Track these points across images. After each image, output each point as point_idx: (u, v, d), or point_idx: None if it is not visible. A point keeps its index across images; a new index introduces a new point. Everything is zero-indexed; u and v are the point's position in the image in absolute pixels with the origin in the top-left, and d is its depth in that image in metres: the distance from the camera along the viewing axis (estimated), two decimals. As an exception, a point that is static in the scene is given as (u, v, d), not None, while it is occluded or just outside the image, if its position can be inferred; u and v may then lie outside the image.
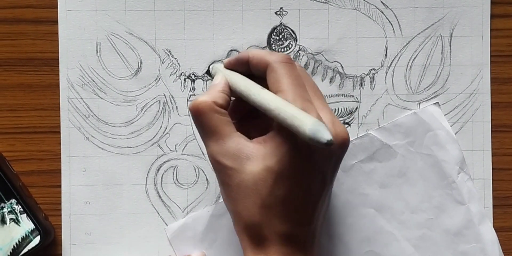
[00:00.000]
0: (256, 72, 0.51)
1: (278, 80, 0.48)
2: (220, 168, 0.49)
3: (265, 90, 0.48)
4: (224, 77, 0.51)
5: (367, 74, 0.59)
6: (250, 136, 0.49)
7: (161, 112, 0.59)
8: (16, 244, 0.56)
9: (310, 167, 0.48)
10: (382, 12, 0.59)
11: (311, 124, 0.43)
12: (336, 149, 0.48)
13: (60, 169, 0.58)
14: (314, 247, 0.50)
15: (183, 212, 0.59)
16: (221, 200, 0.59)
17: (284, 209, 0.48)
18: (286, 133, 0.47)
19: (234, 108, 0.52)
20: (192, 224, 0.58)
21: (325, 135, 0.43)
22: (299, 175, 0.48)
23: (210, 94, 0.50)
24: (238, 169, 0.48)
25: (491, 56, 0.59)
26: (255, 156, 0.48)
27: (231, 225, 0.58)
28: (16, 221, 0.56)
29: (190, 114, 0.51)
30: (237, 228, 0.50)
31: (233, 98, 0.52)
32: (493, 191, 0.59)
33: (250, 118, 0.53)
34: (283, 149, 0.47)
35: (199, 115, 0.49)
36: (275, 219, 0.48)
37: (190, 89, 0.59)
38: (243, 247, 0.50)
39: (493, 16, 0.59)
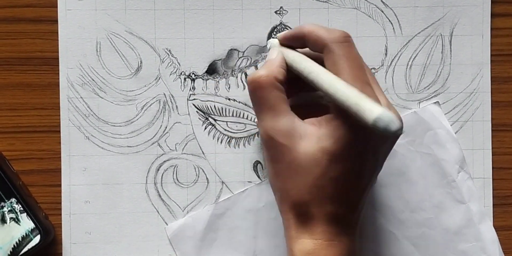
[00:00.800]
0: (313, 49, 0.50)
1: (336, 62, 0.48)
2: (272, 144, 0.49)
3: (325, 71, 0.48)
4: (281, 52, 0.51)
5: (367, 73, 0.59)
6: (299, 117, 0.50)
7: (161, 112, 0.59)
8: (16, 243, 0.56)
9: (365, 151, 0.48)
10: (382, 11, 0.59)
11: (380, 114, 0.42)
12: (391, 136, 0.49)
13: (60, 168, 0.58)
14: (356, 230, 0.51)
15: (183, 211, 0.59)
16: (221, 199, 0.59)
17: (336, 191, 0.48)
18: (344, 116, 0.47)
19: (289, 85, 0.52)
20: (192, 223, 0.58)
21: (395, 125, 0.42)
22: (354, 158, 0.48)
23: (269, 69, 0.50)
24: (291, 147, 0.48)
25: (491, 55, 0.59)
26: (310, 136, 0.48)
27: (231, 224, 0.58)
28: (16, 220, 0.56)
29: (247, 88, 0.50)
30: (282, 206, 0.50)
31: None
32: (493, 190, 0.59)
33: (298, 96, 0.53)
34: (340, 131, 0.47)
35: (258, 89, 0.49)
36: (325, 199, 0.48)
37: (190, 88, 0.59)
38: (286, 226, 0.50)
39: (493, 15, 0.59)
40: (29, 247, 0.56)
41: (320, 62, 0.49)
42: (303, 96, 0.55)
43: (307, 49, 0.52)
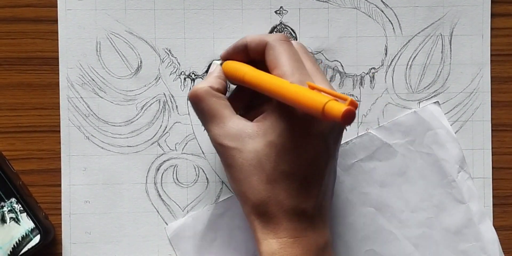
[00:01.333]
0: (255, 55, 0.52)
1: (276, 57, 0.50)
2: (223, 150, 0.49)
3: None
4: (219, 65, 0.53)
5: (367, 73, 0.59)
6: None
7: (161, 111, 0.59)
8: (16, 243, 0.56)
9: (312, 139, 0.48)
10: (382, 11, 0.59)
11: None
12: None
13: (60, 168, 0.58)
14: (324, 223, 0.51)
15: (183, 211, 0.59)
16: (221, 199, 0.59)
17: (290, 183, 0.48)
18: (284, 107, 0.47)
19: (236, 97, 0.53)
20: (192, 223, 0.58)
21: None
22: (302, 148, 0.48)
23: (206, 80, 0.52)
24: (241, 149, 0.48)
25: (491, 55, 0.59)
26: (256, 133, 0.48)
27: (230, 224, 0.58)
28: (16, 220, 0.56)
29: (189, 103, 0.52)
30: (245, 210, 0.50)
31: (233, 87, 0.53)
32: (493, 190, 0.59)
33: (253, 107, 0.54)
34: (283, 123, 0.48)
35: (198, 101, 0.50)
36: (281, 194, 0.48)
37: (190, 88, 0.59)
38: (252, 229, 0.50)
39: (493, 15, 0.59)
40: (29, 247, 0.56)
41: (263, 69, 0.51)
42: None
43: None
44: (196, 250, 0.58)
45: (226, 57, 0.54)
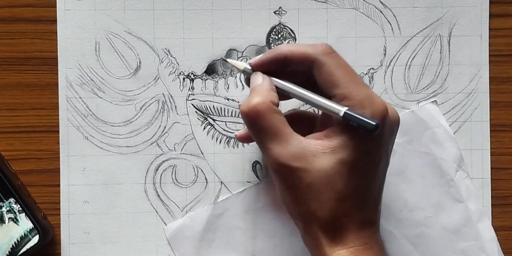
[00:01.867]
0: (295, 67, 0.49)
1: (332, 74, 0.48)
2: (286, 171, 0.47)
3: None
4: (267, 77, 0.50)
5: (366, 74, 0.59)
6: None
7: (160, 112, 0.59)
8: (15, 243, 0.56)
9: (380, 152, 0.48)
10: (381, 12, 0.59)
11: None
12: (395, 127, 0.50)
13: (59, 168, 0.58)
14: (379, 226, 0.51)
15: (181, 211, 0.59)
16: (220, 199, 0.59)
17: (359, 197, 0.48)
18: (354, 127, 0.47)
19: None
20: (190, 224, 0.58)
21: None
22: (373, 161, 0.48)
23: (261, 95, 0.48)
24: (307, 168, 0.47)
25: (489, 55, 0.59)
26: (322, 152, 0.47)
27: (229, 224, 0.58)
28: (15, 220, 0.56)
29: (244, 119, 0.48)
30: (309, 229, 0.49)
31: None
32: (491, 190, 0.59)
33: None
34: (355, 140, 0.47)
35: (258, 118, 0.47)
36: (351, 208, 0.48)
37: (189, 88, 0.59)
38: (315, 246, 0.49)
39: (491, 16, 0.59)
40: (27, 247, 0.56)
41: (296, 79, 0.50)
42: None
43: None
44: (195, 250, 0.58)
45: (259, 67, 0.50)
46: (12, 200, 0.56)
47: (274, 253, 0.58)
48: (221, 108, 0.59)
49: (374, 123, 0.45)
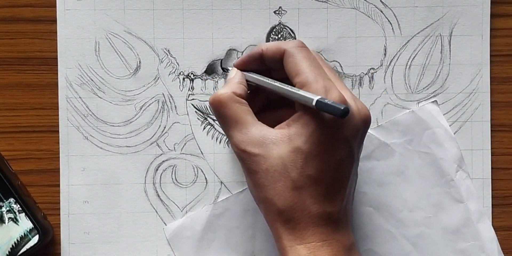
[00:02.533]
0: (271, 63, 0.52)
1: (297, 63, 0.50)
2: (246, 157, 0.49)
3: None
4: (239, 71, 0.53)
5: (366, 74, 0.59)
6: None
7: (159, 112, 0.59)
8: (15, 243, 0.56)
9: (337, 144, 0.48)
10: (382, 11, 0.59)
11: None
12: (360, 124, 0.50)
13: (59, 168, 0.58)
14: (348, 225, 0.51)
15: (181, 211, 0.59)
16: (219, 199, 0.59)
17: (316, 189, 0.48)
18: (311, 113, 0.48)
19: (249, 102, 0.53)
20: (190, 224, 0.58)
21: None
22: (328, 152, 0.48)
23: (228, 86, 0.52)
24: (265, 155, 0.48)
25: (490, 55, 0.59)
26: (281, 140, 0.48)
27: (229, 224, 0.58)
28: (15, 220, 0.56)
29: (210, 108, 0.52)
30: (269, 217, 0.50)
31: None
32: (492, 190, 0.59)
33: (265, 112, 0.54)
34: (310, 128, 0.48)
35: (220, 107, 0.50)
36: (308, 199, 0.48)
37: (189, 88, 0.59)
38: (277, 236, 0.50)
39: (492, 16, 0.59)
40: (27, 247, 0.56)
41: (276, 77, 0.53)
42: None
43: None
44: (194, 250, 0.58)
45: (240, 66, 0.54)
46: (12, 200, 0.56)
47: (274, 253, 0.58)
48: (221, 108, 0.59)
49: (342, 108, 0.46)
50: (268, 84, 0.52)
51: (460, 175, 0.59)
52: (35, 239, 0.56)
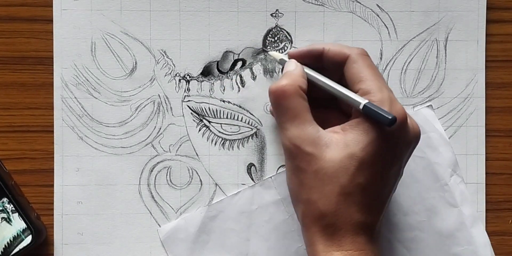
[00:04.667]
0: (330, 64, 0.53)
1: (361, 71, 0.50)
2: (297, 153, 0.49)
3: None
4: (300, 65, 0.53)
5: (362, 77, 0.59)
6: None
7: (155, 113, 0.59)
8: (8, 243, 0.56)
9: (392, 156, 0.49)
10: (378, 16, 0.59)
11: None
12: (413, 141, 0.50)
13: (53, 169, 0.58)
14: (380, 236, 0.51)
15: (176, 213, 0.59)
16: (214, 201, 0.59)
17: (363, 197, 0.48)
18: (372, 122, 0.48)
19: None
20: (184, 225, 0.58)
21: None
22: (382, 164, 0.48)
23: (292, 78, 0.51)
24: (318, 156, 0.48)
25: (485, 61, 0.60)
26: (336, 144, 0.48)
27: (223, 226, 0.58)
28: (8, 220, 0.56)
29: (270, 97, 0.51)
30: (307, 219, 0.49)
31: None
32: (486, 195, 0.59)
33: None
34: (369, 136, 0.48)
35: (283, 98, 0.50)
36: (352, 207, 0.48)
37: (185, 90, 0.59)
38: (311, 241, 0.49)
39: (487, 22, 0.59)
40: (20, 248, 0.56)
41: (329, 75, 0.53)
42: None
43: None
44: (188, 252, 0.58)
45: (295, 57, 0.54)
46: (5, 199, 0.56)
47: (268, 255, 0.58)
48: (216, 110, 0.59)
49: (390, 117, 0.46)
50: (322, 82, 0.52)
51: (455, 179, 0.59)
52: (28, 240, 0.56)
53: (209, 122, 0.59)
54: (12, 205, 0.56)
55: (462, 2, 0.59)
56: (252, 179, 0.59)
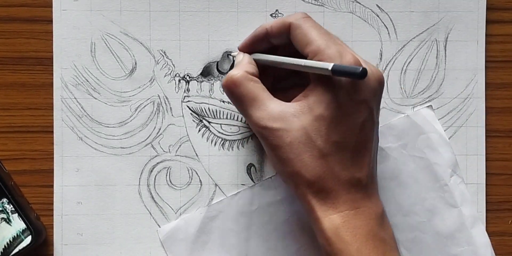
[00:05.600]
0: (278, 40, 0.53)
1: (305, 34, 0.50)
2: (267, 133, 0.49)
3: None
4: (246, 54, 0.54)
5: (361, 78, 0.59)
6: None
7: (155, 113, 0.59)
8: (7, 243, 0.56)
9: (358, 107, 0.49)
10: (378, 16, 0.59)
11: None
12: (377, 85, 0.50)
13: (53, 169, 0.58)
14: (376, 190, 0.51)
15: (175, 213, 0.59)
16: (214, 201, 0.59)
17: (343, 154, 0.49)
18: (327, 81, 0.48)
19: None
20: (184, 226, 0.58)
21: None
22: (350, 116, 0.48)
23: (238, 67, 0.52)
24: (287, 128, 0.49)
25: (485, 61, 0.59)
26: (301, 111, 0.49)
27: (223, 227, 0.58)
28: (8, 221, 0.56)
29: (224, 91, 0.52)
30: (299, 190, 0.50)
31: None
32: (486, 196, 0.59)
33: (273, 92, 0.54)
34: (329, 94, 0.48)
35: (235, 87, 0.50)
36: (336, 166, 0.48)
37: (185, 90, 0.59)
38: (309, 209, 0.50)
39: (487, 22, 0.59)
40: (20, 248, 0.56)
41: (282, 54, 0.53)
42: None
43: None
44: (188, 253, 0.58)
45: (245, 48, 0.54)
46: (5, 200, 0.56)
47: (268, 256, 0.58)
48: (216, 110, 0.59)
49: (360, 69, 0.46)
50: (279, 61, 0.52)
51: (455, 180, 0.59)
52: (27, 240, 0.56)
53: (209, 122, 0.59)
54: (11, 206, 0.56)
55: (461, 3, 0.59)
56: (252, 180, 0.59)
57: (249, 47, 0.54)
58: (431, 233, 0.59)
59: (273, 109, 0.49)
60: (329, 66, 0.47)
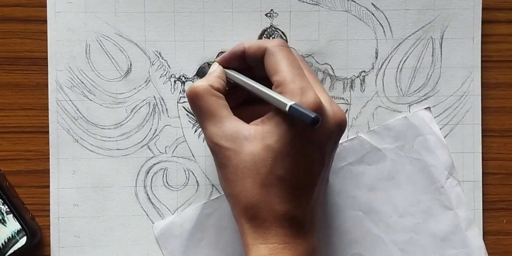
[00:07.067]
0: (253, 61, 0.52)
1: (276, 62, 0.50)
2: (218, 150, 0.49)
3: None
4: (220, 66, 0.53)
5: (357, 76, 0.59)
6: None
7: (151, 114, 0.58)
8: (2, 244, 0.56)
9: (309, 146, 0.48)
10: (373, 14, 0.59)
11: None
12: (334, 128, 0.50)
13: (48, 169, 0.58)
14: (313, 229, 0.51)
15: (172, 214, 0.59)
16: (211, 198, 0.59)
17: (284, 189, 0.48)
18: (284, 114, 0.48)
19: (228, 97, 0.53)
20: (179, 222, 0.58)
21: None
22: (299, 154, 0.48)
23: (206, 79, 0.52)
24: (237, 150, 0.48)
25: (481, 61, 0.59)
26: (254, 137, 0.48)
27: (218, 224, 0.58)
28: (2, 221, 0.56)
29: (188, 99, 0.51)
30: (235, 212, 0.50)
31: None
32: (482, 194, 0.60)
33: (243, 107, 0.54)
34: (283, 127, 0.48)
35: (196, 99, 0.50)
36: (274, 199, 0.48)
37: (180, 91, 0.58)
38: (241, 232, 0.50)
39: (483, 22, 0.59)
40: (15, 249, 0.56)
41: (258, 76, 0.53)
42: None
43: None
44: (183, 249, 0.58)
45: (223, 63, 0.54)
46: None
47: None
48: (212, 111, 0.58)
49: (312, 116, 0.46)
50: (245, 84, 0.51)
51: (451, 182, 0.59)
52: (22, 241, 0.56)
53: (205, 123, 0.58)
54: (6, 206, 0.56)
55: (457, 0, 0.59)
56: (248, 180, 0.59)
57: (227, 62, 0.54)
58: (426, 235, 0.59)
59: (228, 128, 0.49)
60: (287, 105, 0.47)
